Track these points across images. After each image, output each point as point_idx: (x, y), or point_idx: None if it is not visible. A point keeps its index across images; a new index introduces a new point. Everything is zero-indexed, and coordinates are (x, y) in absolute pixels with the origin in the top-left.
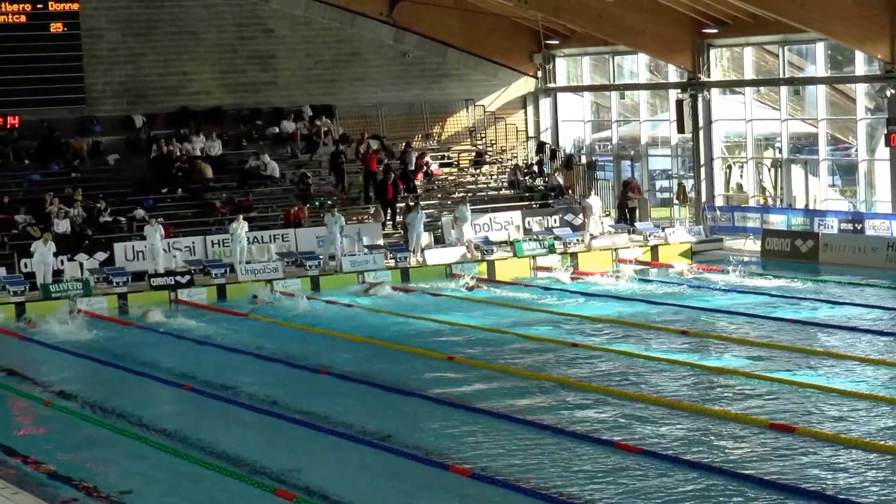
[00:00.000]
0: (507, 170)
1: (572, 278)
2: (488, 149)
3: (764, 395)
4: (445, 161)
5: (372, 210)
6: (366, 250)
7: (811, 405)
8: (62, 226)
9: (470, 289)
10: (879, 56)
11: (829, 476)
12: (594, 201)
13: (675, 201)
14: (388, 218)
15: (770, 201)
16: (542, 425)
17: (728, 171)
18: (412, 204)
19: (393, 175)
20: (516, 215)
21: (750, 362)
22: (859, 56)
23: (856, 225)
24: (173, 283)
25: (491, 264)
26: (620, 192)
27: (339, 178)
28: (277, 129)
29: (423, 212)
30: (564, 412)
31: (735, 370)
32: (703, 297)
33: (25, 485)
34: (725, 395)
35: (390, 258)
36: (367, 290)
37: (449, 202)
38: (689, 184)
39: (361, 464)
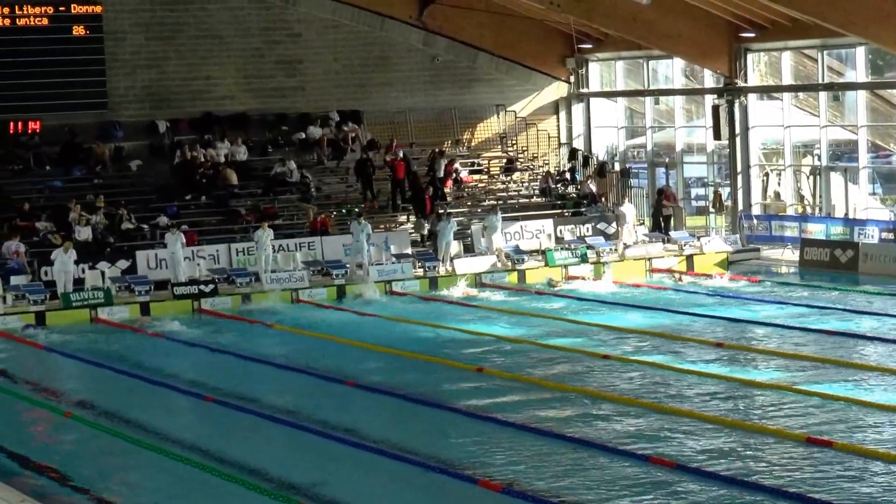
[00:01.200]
0: (539, 177)
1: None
2: (519, 155)
3: (801, 408)
4: (475, 168)
5: (411, 222)
6: (393, 259)
7: (849, 419)
8: (84, 233)
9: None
10: None
11: (868, 492)
12: (628, 209)
13: (711, 210)
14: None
15: (808, 210)
16: (573, 438)
17: (765, 178)
18: (442, 212)
19: (432, 189)
20: (548, 224)
21: (787, 375)
22: None
23: None
24: (196, 291)
25: (521, 273)
26: (655, 201)
27: (366, 186)
28: (304, 135)
29: (454, 220)
30: (596, 425)
31: (771, 383)
32: (740, 308)
33: (45, 498)
34: (761, 408)
35: (419, 267)
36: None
37: (479, 210)
38: (725, 192)
39: (388, 477)
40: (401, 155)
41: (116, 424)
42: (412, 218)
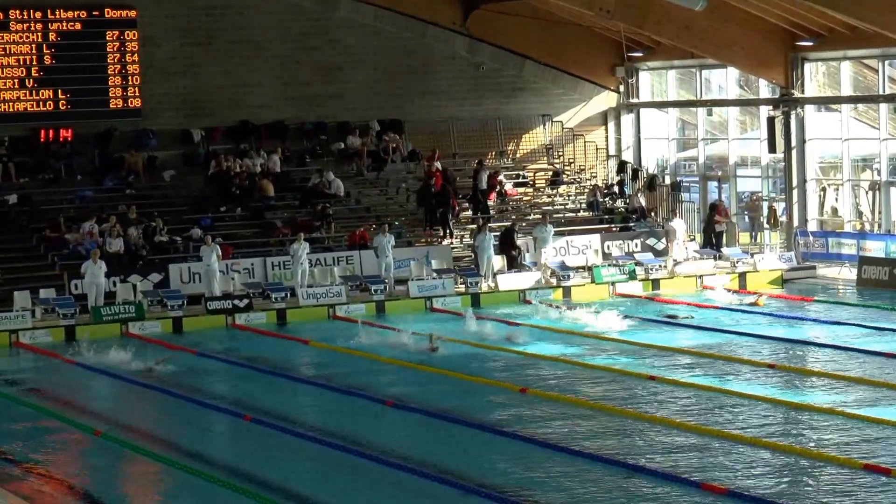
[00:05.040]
0: (586, 190)
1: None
2: (566, 168)
3: (857, 434)
4: (520, 180)
5: (457, 237)
6: (434, 275)
7: None
8: (115, 245)
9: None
10: None
11: None
12: (678, 225)
13: (766, 225)
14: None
15: (867, 227)
16: (621, 463)
17: (822, 193)
18: (481, 224)
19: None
20: (595, 239)
21: (843, 399)
22: None
23: None
24: (231, 306)
25: (567, 290)
26: (706, 216)
27: (429, 214)
28: (343, 145)
29: (492, 234)
30: (644, 449)
31: (826, 407)
32: (793, 328)
33: None
34: (815, 433)
35: (460, 283)
36: None
37: (524, 224)
38: (780, 207)
39: (428, 502)
40: (438, 166)
41: (147, 443)
42: (459, 232)
